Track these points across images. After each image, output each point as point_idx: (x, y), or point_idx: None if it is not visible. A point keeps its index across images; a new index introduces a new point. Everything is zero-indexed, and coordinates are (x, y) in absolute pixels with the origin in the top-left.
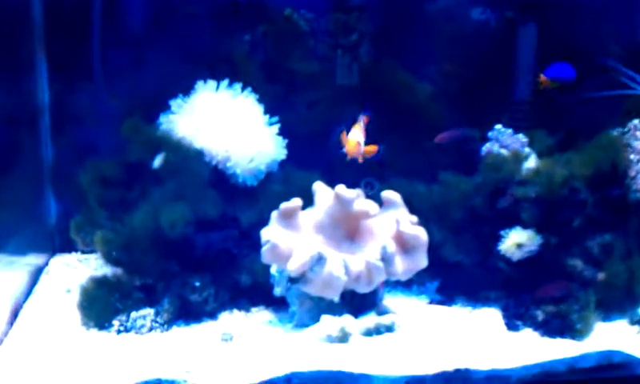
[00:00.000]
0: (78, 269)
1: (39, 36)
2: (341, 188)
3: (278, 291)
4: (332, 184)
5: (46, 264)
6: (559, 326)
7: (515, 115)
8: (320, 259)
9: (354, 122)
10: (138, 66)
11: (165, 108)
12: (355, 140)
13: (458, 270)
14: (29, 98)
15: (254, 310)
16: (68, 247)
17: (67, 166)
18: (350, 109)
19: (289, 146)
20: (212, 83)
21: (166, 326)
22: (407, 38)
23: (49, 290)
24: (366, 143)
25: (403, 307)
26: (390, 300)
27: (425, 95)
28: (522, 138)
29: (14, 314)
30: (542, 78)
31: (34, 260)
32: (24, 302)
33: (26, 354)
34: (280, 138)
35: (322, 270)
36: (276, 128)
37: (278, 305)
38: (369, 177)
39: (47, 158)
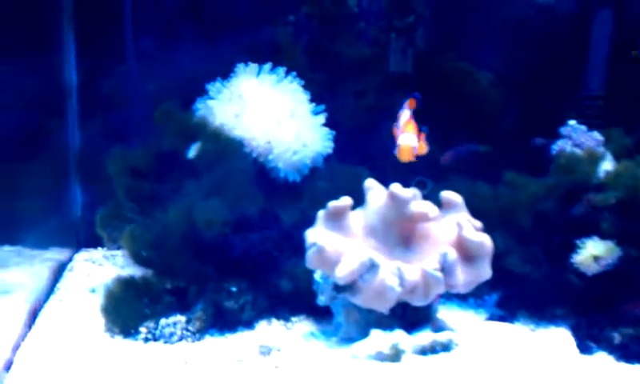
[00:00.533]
0: (104, 266)
1: (67, 11)
2: (396, 187)
3: (321, 300)
4: (380, 182)
5: (70, 259)
6: (639, 351)
7: (588, 111)
8: (372, 266)
9: (400, 107)
10: (173, 46)
11: (201, 93)
12: (408, 145)
13: (522, 283)
14: (55, 78)
15: (294, 319)
16: (93, 242)
17: (95, 154)
18: (401, 99)
19: (334, 139)
20: (253, 67)
21: (197, 335)
22: (466, 22)
23: (72, 288)
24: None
25: (459, 322)
26: (444, 313)
27: (486, 85)
28: (597, 135)
29: (33, 315)
30: None
31: (56, 255)
32: (45, 301)
33: (43, 362)
34: (327, 129)
35: (374, 279)
36: (322, 118)
37: (321, 315)
38: (421, 175)
39: (73, 144)
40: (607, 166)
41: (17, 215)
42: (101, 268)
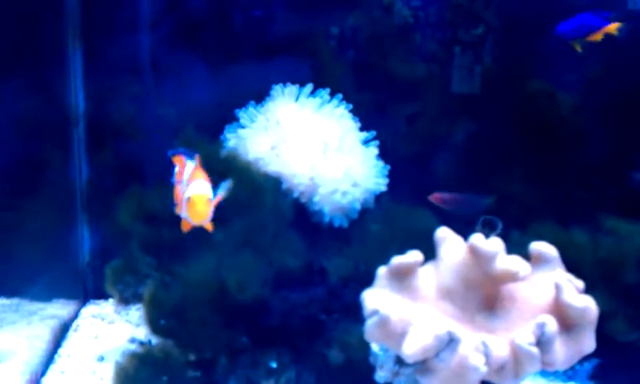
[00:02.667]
0: (115, 324)
1: (74, 26)
2: (478, 239)
3: (381, 376)
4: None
5: (76, 316)
6: None
7: None
8: (451, 341)
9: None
10: (196, 65)
11: (230, 120)
12: (201, 194)
13: (625, 351)
14: (59, 104)
15: None
16: (103, 293)
17: (105, 190)
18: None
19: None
20: (292, 89)
21: None
22: (540, 37)
23: (76, 356)
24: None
25: None
26: None
27: (568, 110)
28: None
29: None
30: None
31: (59, 310)
32: (43, 373)
33: None
34: (380, 163)
35: (453, 357)
36: (375, 149)
37: None
38: (489, 214)
39: (80, 179)
40: None
41: (14, 262)
42: (111, 326)
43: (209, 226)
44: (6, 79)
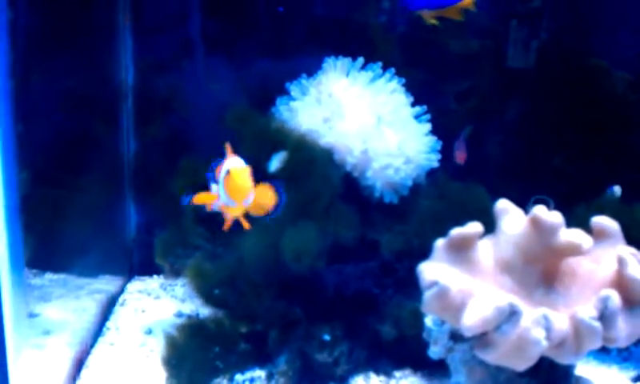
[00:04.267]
0: (162, 299)
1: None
2: (541, 210)
3: (435, 351)
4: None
5: (122, 291)
6: None
7: None
8: (512, 314)
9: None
10: (245, 39)
11: (282, 93)
12: (239, 168)
13: None
14: (108, 76)
15: (397, 374)
16: (149, 269)
17: (152, 165)
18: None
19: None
20: (344, 62)
21: None
22: (596, 11)
23: (124, 329)
24: None
25: (604, 381)
26: (581, 368)
27: (624, 88)
28: None
29: (79, 364)
30: None
31: (106, 285)
32: (92, 345)
33: None
34: (433, 138)
35: (514, 330)
36: (428, 125)
37: (433, 369)
38: (541, 193)
39: (128, 153)
40: None
41: (61, 238)
42: (158, 301)
43: (263, 207)
44: (58, 54)
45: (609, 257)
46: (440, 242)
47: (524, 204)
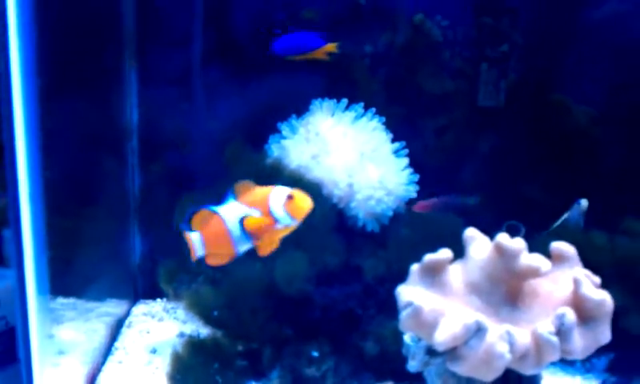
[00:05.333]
0: (164, 321)
1: (130, 46)
2: (504, 237)
3: (412, 365)
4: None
5: (128, 314)
6: None
7: None
8: (478, 330)
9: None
10: (242, 81)
11: (273, 132)
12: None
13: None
14: (115, 116)
15: None
16: (152, 293)
17: (155, 198)
18: (489, 135)
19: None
20: (329, 103)
21: None
22: (562, 51)
23: (131, 348)
24: None
25: None
26: (548, 379)
27: (586, 122)
28: None
29: (92, 380)
30: None
31: (113, 308)
32: (103, 363)
33: None
34: (410, 171)
35: (480, 345)
36: (405, 160)
37: (412, 381)
38: (512, 220)
39: (133, 187)
40: None
41: (71, 264)
42: (161, 324)
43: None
44: (70, 96)
45: (566, 278)
46: (415, 267)
47: (497, 230)
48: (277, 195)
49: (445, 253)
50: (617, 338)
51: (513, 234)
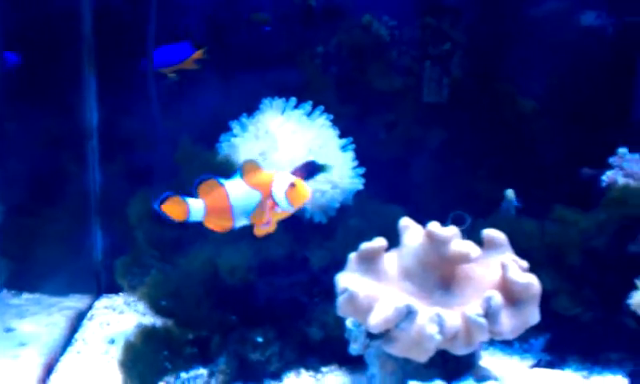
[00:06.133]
0: (125, 314)
1: (88, 50)
2: (434, 225)
3: (354, 349)
4: (414, 219)
5: (90, 307)
6: None
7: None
8: (409, 313)
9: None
10: (195, 83)
11: (225, 130)
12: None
13: (573, 326)
14: (75, 117)
15: (324, 370)
16: (115, 288)
17: (116, 197)
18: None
19: (365, 174)
20: (279, 102)
21: None
22: (505, 49)
23: (90, 339)
24: None
25: (504, 369)
26: (487, 360)
27: (529, 112)
28: None
29: (48, 370)
30: None
31: (76, 303)
32: (61, 354)
33: None
34: (356, 165)
35: (411, 327)
36: (352, 154)
37: (355, 364)
38: (458, 210)
39: (94, 187)
40: None
41: (35, 261)
42: (121, 316)
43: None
44: (31, 100)
45: (497, 263)
46: (352, 255)
47: (445, 220)
48: (280, 181)
49: (379, 241)
50: (550, 320)
51: (459, 223)
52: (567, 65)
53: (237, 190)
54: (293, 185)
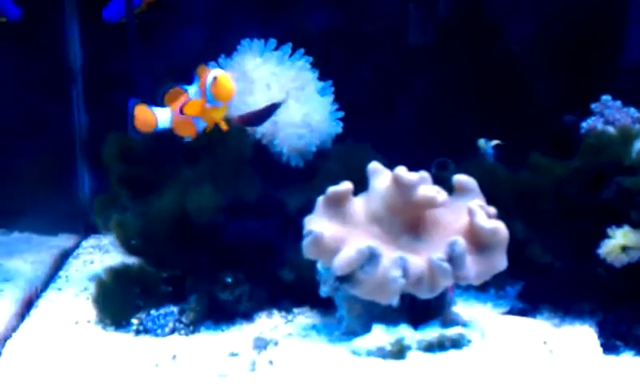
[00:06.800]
0: (110, 253)
1: None
2: (401, 170)
3: (323, 291)
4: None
5: (77, 246)
6: None
7: (626, 85)
8: (372, 256)
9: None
10: (179, 23)
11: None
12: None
13: (546, 274)
14: (58, 60)
15: (296, 311)
16: None
17: (102, 137)
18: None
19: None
20: (258, 43)
21: (191, 328)
22: None
23: (73, 277)
24: None
25: (476, 316)
26: (461, 306)
27: (515, 57)
28: (633, 112)
29: (28, 306)
30: None
31: (63, 242)
32: (44, 290)
33: (31, 355)
34: (335, 109)
35: (375, 270)
36: (331, 97)
37: (326, 306)
38: (442, 155)
39: (80, 128)
40: None
41: (25, 201)
42: (106, 255)
43: (224, 125)
44: (15, 44)
45: (466, 209)
46: (320, 199)
47: (428, 165)
48: (210, 76)
49: (346, 185)
50: (524, 267)
51: (442, 169)
52: (556, 8)
53: (194, 93)
54: (215, 78)
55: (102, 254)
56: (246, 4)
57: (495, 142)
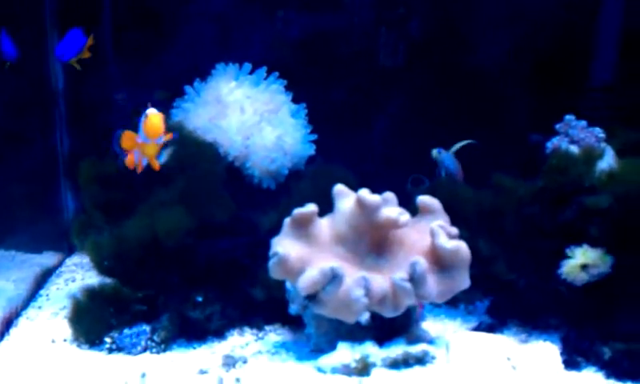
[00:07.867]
0: (92, 271)
1: (52, 14)
2: (364, 192)
3: (293, 309)
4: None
5: (61, 264)
6: (629, 368)
7: (593, 104)
8: (335, 277)
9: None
10: (157, 46)
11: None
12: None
13: (512, 290)
14: (41, 84)
15: (267, 328)
16: None
17: (84, 157)
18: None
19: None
20: (232, 67)
21: (163, 346)
22: (464, 13)
23: (53, 295)
24: None
25: (443, 332)
26: (430, 322)
27: (484, 79)
28: (598, 132)
29: (7, 324)
30: None
31: (47, 260)
32: (24, 309)
33: (2, 375)
34: (308, 131)
35: (338, 290)
36: (304, 120)
37: (297, 324)
38: (418, 173)
39: (62, 149)
40: (606, 165)
41: (10, 221)
42: (87, 273)
43: (156, 165)
44: None
45: (428, 229)
46: (287, 220)
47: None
48: (144, 115)
49: (310, 207)
50: (490, 284)
51: (417, 185)
52: (527, 29)
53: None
54: (146, 116)
55: (84, 272)
56: (221, 28)
57: (460, 144)
